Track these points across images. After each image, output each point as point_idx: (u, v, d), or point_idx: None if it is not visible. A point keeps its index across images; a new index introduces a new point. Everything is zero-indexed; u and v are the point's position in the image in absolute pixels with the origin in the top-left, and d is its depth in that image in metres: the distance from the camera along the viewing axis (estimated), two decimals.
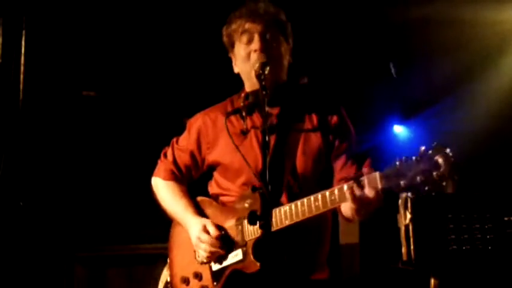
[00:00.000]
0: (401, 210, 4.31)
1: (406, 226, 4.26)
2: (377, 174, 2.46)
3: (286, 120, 3.00)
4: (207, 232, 2.93)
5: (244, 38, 2.98)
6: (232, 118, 3.05)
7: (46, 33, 4.91)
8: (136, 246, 5.06)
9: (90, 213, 5.19)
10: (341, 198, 2.58)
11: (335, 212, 2.92)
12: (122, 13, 5.13)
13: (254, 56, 2.92)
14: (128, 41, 5.28)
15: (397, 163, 2.38)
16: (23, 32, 4.58)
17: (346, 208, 2.74)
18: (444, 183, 2.26)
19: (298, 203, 2.70)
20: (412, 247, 4.23)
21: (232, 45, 3.05)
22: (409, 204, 4.26)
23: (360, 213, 2.62)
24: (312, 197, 2.66)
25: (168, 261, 3.20)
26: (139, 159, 5.24)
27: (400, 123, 5.91)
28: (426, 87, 5.56)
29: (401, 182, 2.35)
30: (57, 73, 5.15)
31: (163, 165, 3.27)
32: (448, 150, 2.26)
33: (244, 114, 3.00)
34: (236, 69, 3.08)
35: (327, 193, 2.62)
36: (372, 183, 2.47)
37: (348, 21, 5.40)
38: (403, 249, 4.27)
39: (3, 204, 4.47)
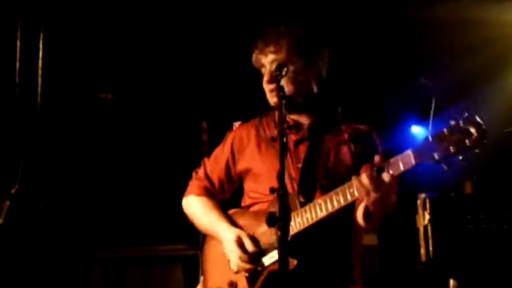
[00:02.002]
0: (420, 211, 4.29)
1: (425, 227, 4.24)
2: (409, 151, 2.49)
3: (318, 131, 3.05)
4: (241, 245, 2.93)
5: (261, 71, 3.07)
6: (264, 126, 3.14)
7: (63, 37, 4.93)
8: (154, 247, 5.06)
9: (107, 214, 5.20)
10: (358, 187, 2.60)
11: None
12: (140, 16, 5.16)
13: (267, 93, 3.03)
14: (146, 43, 5.30)
15: (429, 137, 2.41)
16: (41, 35, 4.61)
17: (360, 212, 2.79)
18: (478, 150, 2.30)
19: (333, 194, 2.71)
20: (430, 248, 4.21)
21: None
22: (427, 205, 4.25)
23: (377, 205, 2.65)
24: (339, 189, 2.69)
25: (202, 278, 3.19)
26: (157, 161, 5.27)
27: (418, 123, 5.88)
28: (445, 88, 5.53)
29: (435, 155, 2.39)
30: (74, 76, 5.17)
31: (195, 182, 3.28)
32: (478, 118, 2.31)
33: (276, 119, 3.05)
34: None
35: (354, 180, 2.63)
36: (405, 161, 2.49)
37: (366, 23, 5.39)
38: (422, 250, 4.26)
39: (22, 206, 4.50)
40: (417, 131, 5.86)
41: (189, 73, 5.47)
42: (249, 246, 2.91)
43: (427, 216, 4.23)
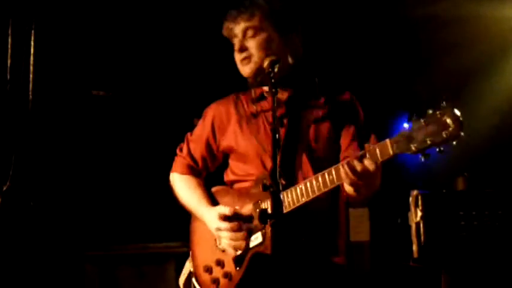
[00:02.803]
0: (412, 208, 4.30)
1: (417, 223, 4.26)
2: (387, 140, 2.49)
3: (296, 106, 3.02)
4: (224, 218, 2.94)
5: (233, 41, 3.04)
6: (243, 102, 3.13)
7: (55, 34, 4.92)
8: (147, 245, 5.06)
9: (100, 212, 5.20)
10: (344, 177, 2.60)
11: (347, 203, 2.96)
12: (131, 13, 5.15)
13: (238, 63, 3.02)
14: (138, 40, 5.29)
15: (407, 128, 2.42)
16: (32, 32, 4.59)
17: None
18: (454, 142, 2.31)
19: (313, 178, 2.73)
20: (423, 244, 4.22)
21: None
22: (420, 202, 4.26)
23: (361, 191, 2.68)
24: (326, 171, 2.69)
25: (190, 253, 3.20)
26: (149, 158, 5.26)
27: (409, 121, 5.88)
28: (435, 85, 5.54)
29: (412, 146, 2.39)
30: (66, 73, 5.16)
31: (179, 160, 3.29)
32: (455, 109, 2.30)
33: (253, 95, 3.06)
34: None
35: (339, 166, 2.64)
36: (383, 151, 2.50)
37: (355, 20, 5.39)
38: (414, 247, 4.27)
39: (13, 203, 4.48)
40: None
41: (181, 70, 5.45)
42: (227, 211, 2.93)
43: (419, 213, 4.24)
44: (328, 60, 5.14)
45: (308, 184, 2.73)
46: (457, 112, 2.30)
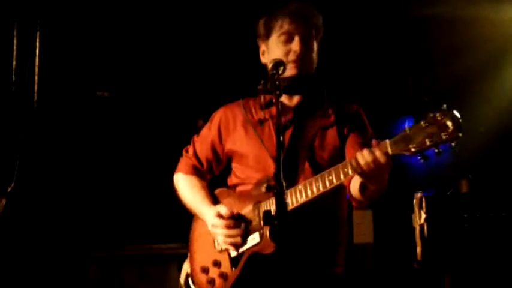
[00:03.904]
0: (416, 210, 4.30)
1: (421, 226, 4.26)
2: (387, 141, 2.49)
3: (304, 113, 3.04)
4: (220, 216, 2.95)
5: (284, 37, 3.02)
6: (251, 107, 3.12)
7: (60, 35, 4.93)
8: (150, 246, 5.08)
9: (104, 213, 5.21)
10: (353, 168, 2.59)
11: (350, 206, 2.95)
12: (136, 15, 5.16)
13: (292, 56, 2.98)
14: (142, 41, 5.30)
15: (406, 128, 2.42)
16: (38, 33, 4.61)
17: (356, 184, 2.77)
18: (453, 144, 2.31)
19: (313, 179, 2.73)
20: (427, 247, 4.23)
21: (267, 37, 3.08)
22: (424, 204, 4.26)
23: (369, 184, 2.66)
24: (325, 172, 2.69)
25: (189, 254, 3.21)
26: (153, 159, 5.27)
27: (412, 122, 5.88)
28: (438, 87, 5.55)
29: (411, 147, 2.40)
30: (71, 74, 5.17)
31: (184, 160, 3.30)
32: (455, 112, 2.31)
33: (262, 101, 3.07)
34: (263, 60, 3.12)
35: (340, 166, 2.64)
36: (382, 150, 2.49)
37: (361, 22, 5.40)
38: (418, 249, 4.27)
39: (18, 204, 4.50)
40: None
41: (186, 71, 5.47)
42: (226, 212, 2.93)
43: (424, 215, 4.24)
44: (332, 64, 5.16)
45: (307, 185, 2.74)
46: (457, 114, 2.31)
